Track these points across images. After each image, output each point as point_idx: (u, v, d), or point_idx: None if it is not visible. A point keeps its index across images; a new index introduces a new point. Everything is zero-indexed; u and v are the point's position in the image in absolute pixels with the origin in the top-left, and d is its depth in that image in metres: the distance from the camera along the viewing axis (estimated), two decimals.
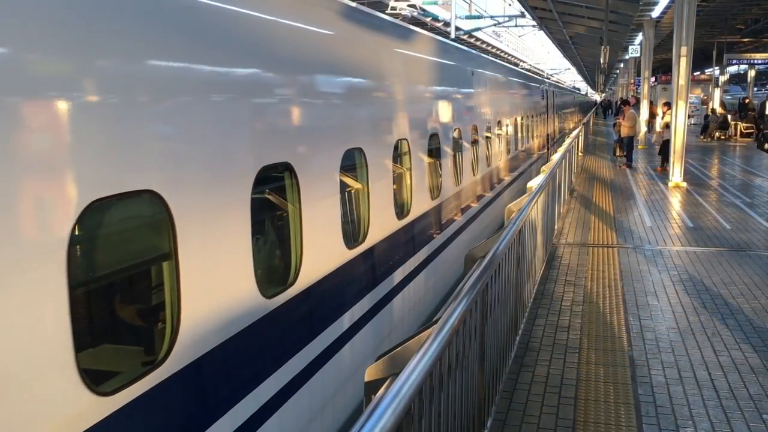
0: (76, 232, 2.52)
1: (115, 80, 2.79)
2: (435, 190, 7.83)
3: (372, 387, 2.63)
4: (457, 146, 8.90)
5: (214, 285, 3.30)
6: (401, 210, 6.66)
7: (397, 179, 6.58)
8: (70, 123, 2.56)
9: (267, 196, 4.35)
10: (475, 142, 10.07)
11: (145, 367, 2.81)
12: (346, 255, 5.19)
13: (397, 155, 6.58)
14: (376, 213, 5.85)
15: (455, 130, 8.83)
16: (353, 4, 6.02)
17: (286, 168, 4.30)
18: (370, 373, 2.71)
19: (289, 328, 4.19)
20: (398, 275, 6.44)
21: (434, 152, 7.81)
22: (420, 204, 7.20)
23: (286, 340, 4.17)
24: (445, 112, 8.51)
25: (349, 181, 5.47)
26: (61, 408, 2.37)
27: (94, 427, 2.45)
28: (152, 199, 2.92)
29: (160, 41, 3.13)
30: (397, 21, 8.04)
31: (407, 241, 6.80)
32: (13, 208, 2.32)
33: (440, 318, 2.92)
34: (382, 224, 6.03)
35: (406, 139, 6.75)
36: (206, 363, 3.22)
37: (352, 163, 5.54)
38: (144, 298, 3.24)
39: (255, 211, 3.80)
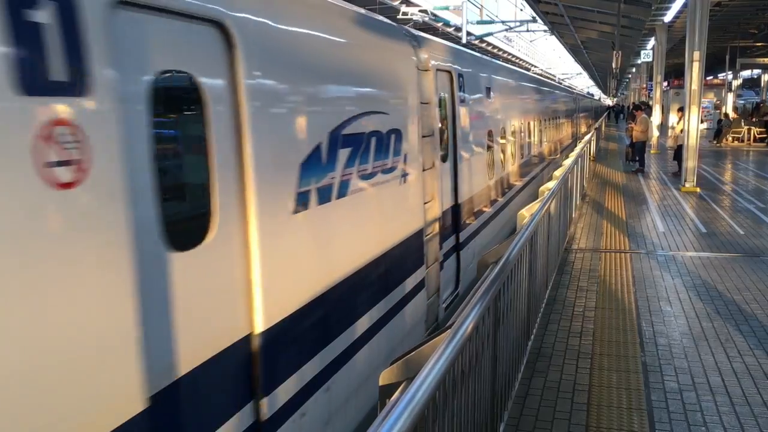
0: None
1: None
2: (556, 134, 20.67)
3: (386, 391, 2.66)
4: (558, 122, 20.33)
5: None
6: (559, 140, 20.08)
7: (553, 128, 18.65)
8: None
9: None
10: (561, 123, 21.68)
11: None
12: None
13: (550, 123, 18.11)
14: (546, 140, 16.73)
15: (569, 117, 23.83)
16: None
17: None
18: (384, 378, 2.74)
19: None
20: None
21: (572, 121, 25.07)
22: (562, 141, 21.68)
23: None
24: (573, 111, 26.38)
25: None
26: None
27: None
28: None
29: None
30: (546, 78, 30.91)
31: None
32: None
33: (453, 323, 2.94)
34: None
35: (554, 118, 19.41)
36: None
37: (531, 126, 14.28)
38: None
39: None
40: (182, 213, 3.04)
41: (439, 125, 6.69)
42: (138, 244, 2.51)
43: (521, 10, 40.28)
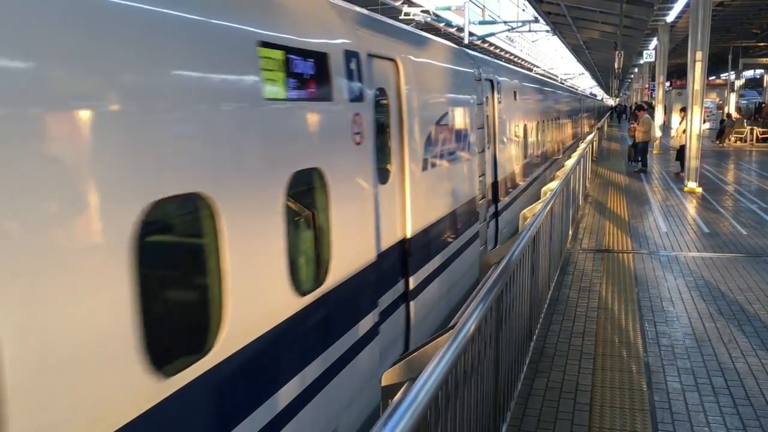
0: None
1: None
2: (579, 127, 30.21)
3: (389, 391, 2.66)
4: (569, 119, 24.49)
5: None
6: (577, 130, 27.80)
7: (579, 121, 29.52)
8: None
9: None
10: (571, 120, 26.03)
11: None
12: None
13: (577, 117, 29.25)
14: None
15: (581, 115, 31.01)
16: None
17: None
18: (387, 378, 2.74)
19: None
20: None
21: (577, 119, 29.69)
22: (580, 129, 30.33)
23: None
24: (578, 110, 30.60)
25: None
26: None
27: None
28: None
29: None
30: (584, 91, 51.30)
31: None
32: None
33: (456, 324, 2.94)
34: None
35: (578, 116, 30.38)
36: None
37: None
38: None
39: None
40: (383, 163, 5.14)
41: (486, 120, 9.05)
42: (372, 176, 4.76)
43: (523, 10, 40.31)
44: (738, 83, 40.18)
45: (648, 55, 36.71)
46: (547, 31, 37.86)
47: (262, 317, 3.27)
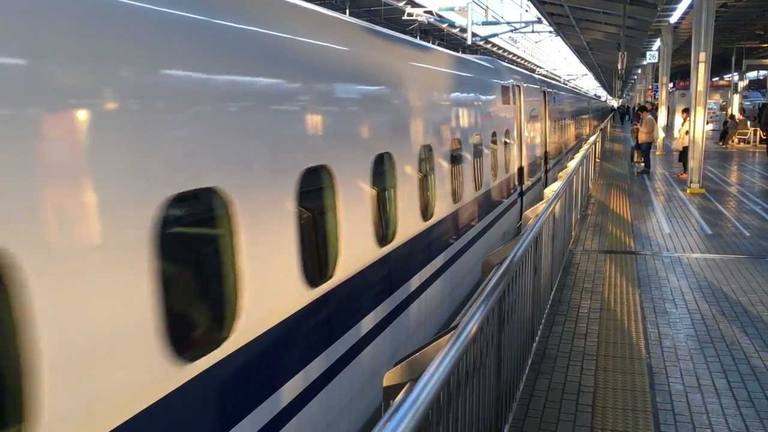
0: None
1: None
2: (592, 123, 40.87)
3: (390, 392, 2.66)
4: (584, 115, 36.20)
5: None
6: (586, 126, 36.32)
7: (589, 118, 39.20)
8: None
9: None
10: (586, 115, 37.36)
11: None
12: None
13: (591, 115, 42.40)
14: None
15: (588, 114, 39.28)
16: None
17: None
18: (388, 378, 2.73)
19: None
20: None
21: (589, 115, 39.91)
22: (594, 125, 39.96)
23: None
24: (588, 109, 39.90)
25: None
26: None
27: None
28: None
29: None
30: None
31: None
32: None
33: (458, 325, 2.94)
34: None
35: (589, 114, 40.09)
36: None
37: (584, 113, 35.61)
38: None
39: None
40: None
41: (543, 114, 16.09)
42: (512, 143, 11.77)
43: (526, 11, 40.32)
44: (741, 85, 40.09)
45: (651, 56, 36.60)
46: (550, 32, 37.85)
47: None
